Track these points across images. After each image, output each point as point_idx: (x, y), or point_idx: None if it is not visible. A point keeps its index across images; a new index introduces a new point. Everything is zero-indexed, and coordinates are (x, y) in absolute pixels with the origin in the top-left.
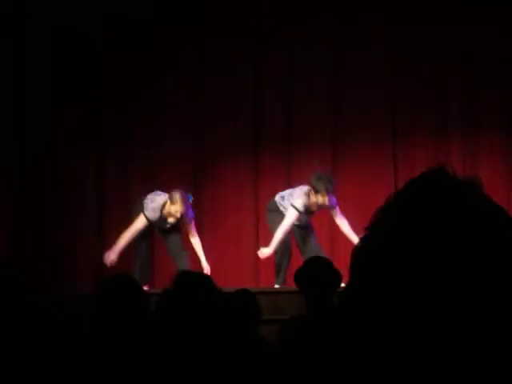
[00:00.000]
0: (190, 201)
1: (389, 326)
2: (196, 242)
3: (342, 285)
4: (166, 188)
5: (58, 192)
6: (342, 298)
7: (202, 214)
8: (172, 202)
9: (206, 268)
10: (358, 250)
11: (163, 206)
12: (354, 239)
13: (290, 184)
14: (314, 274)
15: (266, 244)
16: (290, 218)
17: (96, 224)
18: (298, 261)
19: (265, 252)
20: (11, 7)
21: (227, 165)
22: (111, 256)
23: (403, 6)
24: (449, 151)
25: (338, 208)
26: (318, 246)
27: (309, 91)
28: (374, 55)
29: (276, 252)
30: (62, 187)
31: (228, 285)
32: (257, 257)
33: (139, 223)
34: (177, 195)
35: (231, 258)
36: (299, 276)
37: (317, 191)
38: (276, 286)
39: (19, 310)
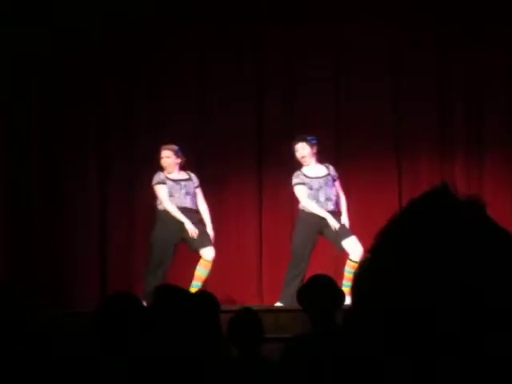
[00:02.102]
0: (179, 153)
1: (393, 347)
2: (204, 209)
3: (347, 302)
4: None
5: (59, 192)
6: (346, 320)
7: None
8: (161, 159)
9: (211, 235)
10: (361, 273)
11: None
12: None
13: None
14: (316, 292)
15: (270, 262)
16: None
17: (99, 223)
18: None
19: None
20: (11, 7)
21: (230, 179)
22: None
23: (405, 7)
24: (453, 159)
25: None
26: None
27: (310, 96)
28: (376, 59)
29: (290, 266)
30: (63, 188)
31: (231, 303)
32: (260, 274)
33: (161, 192)
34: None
35: (234, 275)
36: (301, 295)
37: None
38: (277, 304)
39: (16, 323)
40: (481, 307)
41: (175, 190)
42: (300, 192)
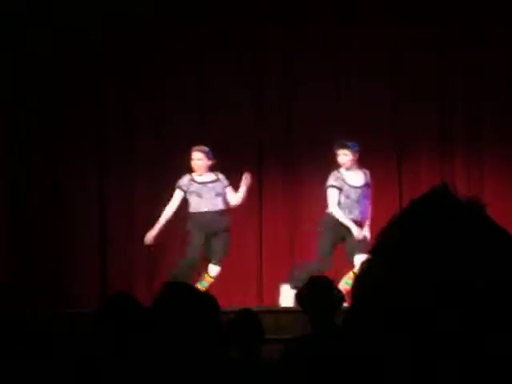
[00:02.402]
0: (210, 155)
1: (393, 347)
2: (236, 198)
3: (345, 304)
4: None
5: (59, 192)
6: (346, 321)
7: None
8: (192, 161)
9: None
10: (361, 273)
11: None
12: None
13: (294, 204)
14: (316, 294)
15: (270, 262)
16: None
17: (99, 223)
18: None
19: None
20: (11, 7)
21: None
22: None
23: (405, 7)
24: (453, 158)
25: None
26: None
27: (310, 96)
28: (376, 59)
29: (320, 261)
30: (63, 188)
31: (231, 304)
32: (260, 274)
33: (175, 196)
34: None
35: (234, 275)
36: (301, 296)
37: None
38: (284, 288)
39: (16, 323)
40: (481, 307)
41: (204, 191)
42: (332, 196)
